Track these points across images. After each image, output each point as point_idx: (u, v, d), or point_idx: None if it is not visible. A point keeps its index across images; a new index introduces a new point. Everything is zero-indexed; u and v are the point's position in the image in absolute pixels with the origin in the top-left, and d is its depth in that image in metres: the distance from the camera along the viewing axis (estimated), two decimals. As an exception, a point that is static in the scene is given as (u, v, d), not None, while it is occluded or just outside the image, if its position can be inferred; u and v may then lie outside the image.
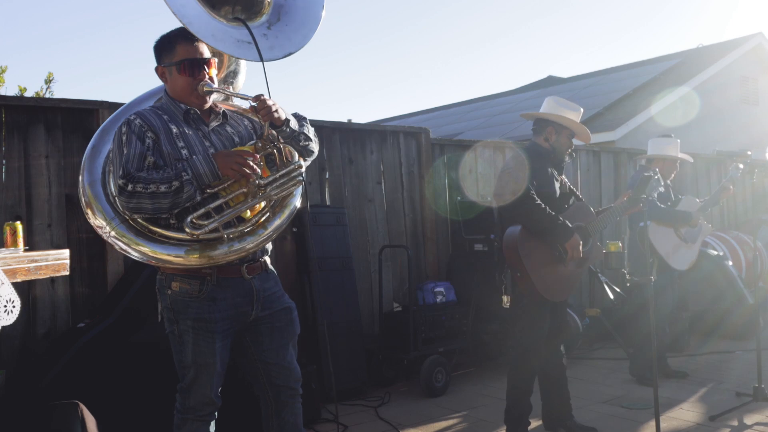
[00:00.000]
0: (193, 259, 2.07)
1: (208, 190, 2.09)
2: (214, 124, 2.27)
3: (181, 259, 2.08)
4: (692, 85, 11.35)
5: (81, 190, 2.25)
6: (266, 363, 2.32)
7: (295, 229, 4.61)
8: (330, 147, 5.02)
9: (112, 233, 2.13)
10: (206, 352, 2.17)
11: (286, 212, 2.22)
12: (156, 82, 2.40)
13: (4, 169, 3.68)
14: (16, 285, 1.83)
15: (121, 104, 3.96)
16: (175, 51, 2.19)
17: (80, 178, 2.29)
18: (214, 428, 2.33)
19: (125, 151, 2.08)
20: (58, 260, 2.14)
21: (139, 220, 2.11)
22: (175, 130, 2.17)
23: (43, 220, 3.76)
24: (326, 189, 4.99)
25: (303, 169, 2.23)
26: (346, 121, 5.65)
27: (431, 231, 5.51)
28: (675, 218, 4.54)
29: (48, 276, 2.14)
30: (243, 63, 2.49)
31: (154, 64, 2.30)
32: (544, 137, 3.40)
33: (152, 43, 2.26)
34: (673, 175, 4.77)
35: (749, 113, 12.77)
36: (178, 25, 2.11)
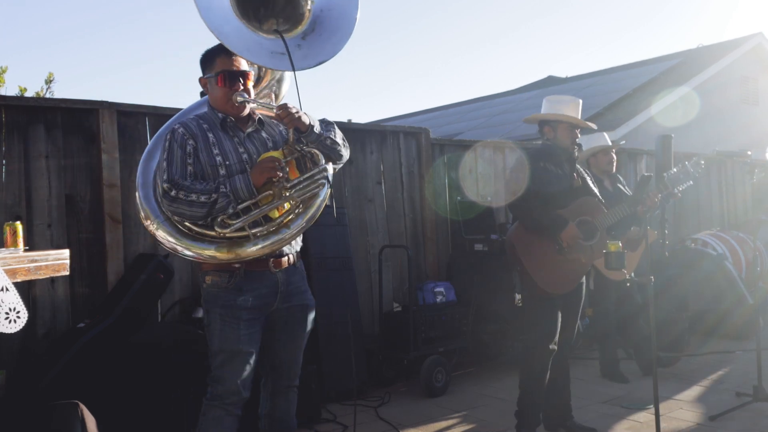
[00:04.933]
0: (222, 255, 2.25)
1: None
2: (249, 129, 2.44)
3: (211, 254, 2.26)
4: (692, 85, 11.36)
5: (136, 189, 2.48)
6: (273, 350, 2.48)
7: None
8: (330, 147, 5.01)
9: (158, 230, 2.34)
10: (232, 338, 2.31)
11: (309, 213, 2.32)
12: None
13: (4, 169, 3.68)
14: (16, 285, 1.83)
15: (121, 104, 4.01)
16: (215, 64, 2.39)
17: (136, 179, 2.51)
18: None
19: (170, 158, 2.30)
20: (58, 260, 2.14)
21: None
22: (211, 138, 2.36)
23: (43, 220, 3.76)
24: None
25: (328, 173, 2.35)
26: (346, 121, 5.66)
27: (431, 231, 5.51)
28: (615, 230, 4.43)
29: (48, 276, 2.14)
30: (285, 74, 2.65)
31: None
32: (546, 137, 3.48)
33: (198, 56, 2.45)
34: (614, 166, 4.70)
35: (749, 113, 12.78)
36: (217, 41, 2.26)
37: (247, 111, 2.44)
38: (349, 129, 5.23)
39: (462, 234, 5.42)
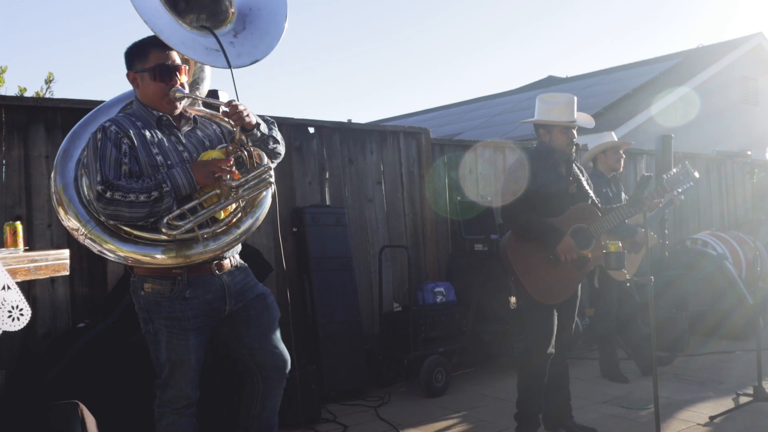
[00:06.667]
0: (169, 259, 2.15)
1: None
2: (186, 129, 2.36)
3: (157, 259, 2.15)
4: (692, 85, 11.36)
5: (54, 192, 2.33)
6: (250, 348, 2.40)
7: (295, 229, 4.61)
8: (330, 147, 5.02)
9: (88, 235, 2.22)
10: (180, 350, 2.25)
11: (258, 212, 2.30)
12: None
13: (4, 169, 3.68)
14: (16, 285, 1.83)
15: (121, 104, 3.99)
16: (148, 57, 2.26)
17: (52, 180, 2.35)
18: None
19: (102, 158, 2.13)
20: (58, 260, 2.14)
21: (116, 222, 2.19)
22: (149, 136, 2.24)
23: (43, 220, 3.76)
24: (326, 189, 4.99)
25: (272, 171, 2.30)
26: (346, 121, 5.65)
27: (431, 231, 5.51)
28: (621, 233, 4.24)
29: (48, 276, 2.14)
30: (207, 71, 2.58)
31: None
32: (541, 140, 3.45)
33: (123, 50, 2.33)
34: (621, 165, 4.72)
35: (749, 113, 12.78)
36: (149, 33, 2.18)
37: (180, 108, 2.34)
38: (349, 129, 5.24)
39: (462, 234, 5.42)
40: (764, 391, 3.89)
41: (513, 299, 3.40)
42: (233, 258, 2.39)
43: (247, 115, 2.23)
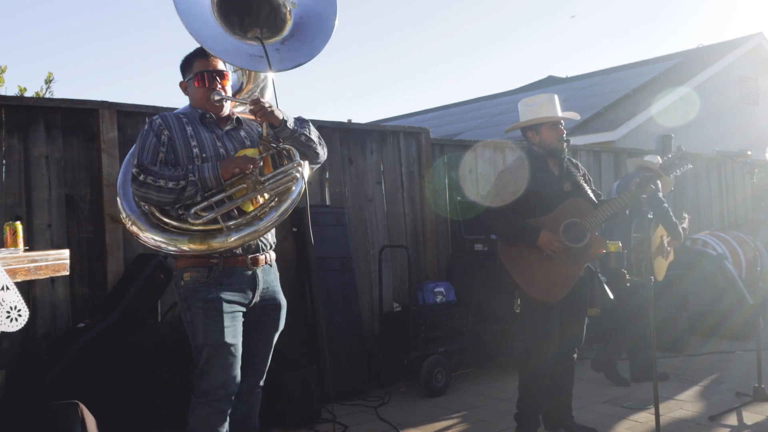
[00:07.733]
0: (195, 247, 2.31)
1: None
2: (228, 128, 2.52)
3: (185, 246, 2.31)
4: (692, 85, 11.35)
5: (117, 190, 2.59)
6: (246, 353, 2.49)
7: (295, 229, 4.61)
8: (330, 147, 4.98)
9: (133, 224, 2.42)
10: (215, 331, 2.34)
11: (283, 207, 2.37)
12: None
13: (4, 169, 3.68)
14: (16, 285, 1.83)
15: (121, 104, 4.01)
16: (193, 66, 2.50)
17: (117, 178, 2.63)
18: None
19: (142, 145, 2.37)
20: (58, 260, 2.14)
21: (155, 213, 2.37)
22: (189, 130, 2.43)
23: (43, 220, 3.76)
24: (326, 189, 4.99)
25: (301, 168, 2.41)
26: (346, 121, 5.65)
27: (431, 231, 5.51)
28: (675, 232, 4.48)
29: (48, 276, 2.14)
30: (270, 83, 2.70)
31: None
32: (531, 143, 3.44)
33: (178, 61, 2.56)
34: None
35: (749, 113, 12.78)
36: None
37: (226, 111, 2.51)
38: (349, 129, 5.24)
39: (462, 234, 5.42)
40: (764, 391, 3.89)
41: (518, 302, 3.40)
42: (268, 255, 2.52)
43: (271, 111, 2.34)
